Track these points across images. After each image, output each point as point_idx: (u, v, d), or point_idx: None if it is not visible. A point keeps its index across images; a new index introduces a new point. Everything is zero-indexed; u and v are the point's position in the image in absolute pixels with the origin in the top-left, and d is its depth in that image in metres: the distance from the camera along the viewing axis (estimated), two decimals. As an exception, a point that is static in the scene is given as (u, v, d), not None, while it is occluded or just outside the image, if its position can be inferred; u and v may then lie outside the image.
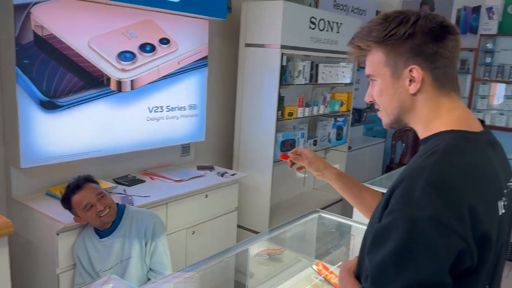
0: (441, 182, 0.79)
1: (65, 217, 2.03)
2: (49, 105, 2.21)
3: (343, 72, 3.79)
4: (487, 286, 0.89)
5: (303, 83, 3.36)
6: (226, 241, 3.00)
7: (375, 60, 0.93)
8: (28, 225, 2.18)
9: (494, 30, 4.75)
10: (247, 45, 3.21)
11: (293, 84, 3.29)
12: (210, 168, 3.04)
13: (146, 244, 2.01)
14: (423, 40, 0.87)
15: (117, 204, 2.05)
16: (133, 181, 2.63)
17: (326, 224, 2.52)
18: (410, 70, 0.89)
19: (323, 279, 2.19)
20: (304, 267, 2.34)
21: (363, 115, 4.98)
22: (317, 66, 3.47)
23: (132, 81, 2.57)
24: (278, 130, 3.20)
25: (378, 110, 0.99)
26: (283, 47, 3.04)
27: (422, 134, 0.94)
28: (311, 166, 1.35)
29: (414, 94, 0.90)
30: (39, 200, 2.23)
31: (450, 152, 0.83)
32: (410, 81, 0.90)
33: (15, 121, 2.12)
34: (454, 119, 0.90)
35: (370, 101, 0.99)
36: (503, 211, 0.87)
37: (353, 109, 4.23)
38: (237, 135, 3.35)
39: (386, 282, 0.78)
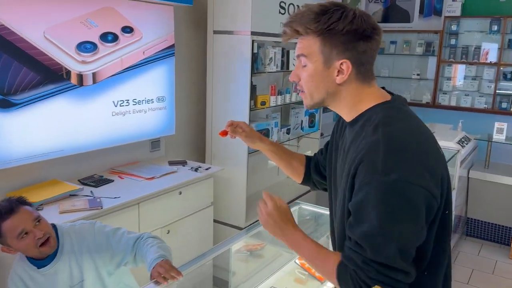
0: (396, 147, 0.94)
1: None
2: (3, 104, 2.00)
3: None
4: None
5: (274, 70, 3.26)
6: (203, 237, 2.89)
7: (311, 45, 1.02)
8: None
9: (458, 12, 4.80)
10: (216, 32, 3.06)
11: (264, 72, 3.18)
12: (183, 163, 2.91)
13: (101, 258, 1.68)
14: (356, 38, 0.99)
15: None
16: (100, 181, 2.46)
17: (306, 215, 2.46)
18: (341, 63, 1.00)
19: (307, 273, 2.14)
20: (286, 262, 2.27)
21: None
22: (287, 52, 3.38)
23: (94, 74, 2.39)
24: (251, 120, 3.10)
25: (300, 91, 1.09)
26: (253, 33, 2.92)
27: (348, 117, 1.08)
28: (247, 139, 1.45)
29: (340, 84, 1.03)
30: (-3, 208, 2.04)
31: (388, 122, 0.98)
32: (338, 72, 1.01)
33: (-37, 123, 1.91)
34: (374, 97, 1.05)
35: (294, 81, 1.08)
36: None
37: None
38: (209, 127, 3.22)
39: (378, 249, 0.92)
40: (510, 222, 3.96)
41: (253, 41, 2.93)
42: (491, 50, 4.68)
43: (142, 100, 2.73)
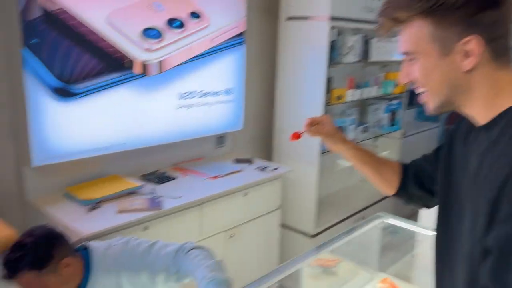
0: None
1: (85, 224, 1.72)
2: (64, 93, 1.88)
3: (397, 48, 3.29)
4: None
5: (353, 61, 2.90)
6: (269, 244, 2.64)
7: (417, 34, 0.79)
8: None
9: None
10: (289, 18, 2.77)
11: (342, 63, 2.84)
12: (249, 162, 2.67)
13: (142, 283, 1.38)
14: (479, 6, 0.74)
15: (77, 251, 1.40)
16: (162, 178, 2.30)
17: (387, 229, 2.11)
18: (465, 43, 0.75)
19: (392, 299, 1.80)
20: (366, 282, 1.95)
21: (414, 97, 4.45)
22: (369, 40, 3.00)
23: (159, 63, 2.21)
24: (328, 113, 2.77)
25: (421, 93, 0.84)
26: (332, 19, 2.59)
27: (483, 117, 0.80)
28: (329, 139, 1.21)
29: (469, 71, 0.77)
30: (57, 203, 1.93)
31: None
32: (464, 56, 0.76)
33: (24, 112, 1.80)
34: None
35: (407, 82, 0.85)
36: None
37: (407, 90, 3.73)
38: (277, 122, 2.96)
39: None
40: None
41: (331, 27, 2.61)
42: None
43: (209, 92, 2.53)
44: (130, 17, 2.05)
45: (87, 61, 1.92)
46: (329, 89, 2.78)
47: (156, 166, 2.46)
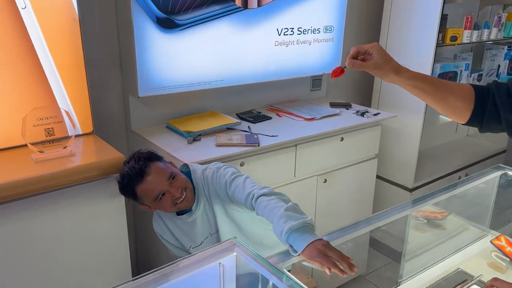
0: None
1: (186, 153, 1.75)
2: (167, 24, 1.88)
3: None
4: None
5: (474, -3, 2.54)
6: (363, 193, 2.52)
7: None
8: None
9: None
10: None
11: (460, -1, 2.50)
12: (347, 106, 2.52)
13: (228, 206, 1.49)
14: None
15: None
16: (258, 117, 2.26)
17: (506, 185, 1.87)
18: None
19: (508, 259, 1.61)
20: (477, 239, 1.77)
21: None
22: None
23: (259, -4, 2.11)
24: (436, 60, 2.49)
25: None
26: None
27: None
28: (377, 70, 1.02)
29: None
30: (159, 134, 2.00)
31: None
32: None
33: (131, 42, 1.84)
34: None
35: None
36: None
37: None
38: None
39: None
40: None
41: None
42: None
43: (308, 29, 2.38)
44: None
45: (190, -10, 1.88)
46: (442, 28, 2.47)
47: (252, 106, 2.42)
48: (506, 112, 0.97)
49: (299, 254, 1.10)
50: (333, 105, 2.54)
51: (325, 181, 2.28)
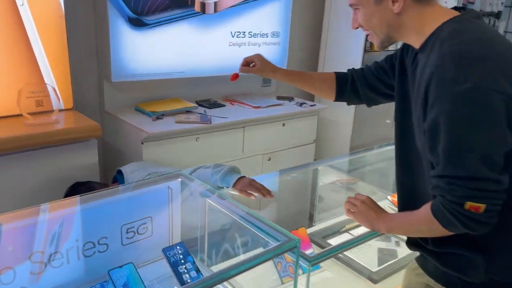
0: (465, 57, 0.88)
1: (150, 127, 2.17)
2: (137, 23, 2.31)
3: None
4: None
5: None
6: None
7: None
8: (117, 135, 2.37)
9: None
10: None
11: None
12: (290, 99, 3.00)
13: None
14: None
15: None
16: (214, 105, 2.70)
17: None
18: None
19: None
20: (379, 199, 2.23)
21: None
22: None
23: (215, 3, 2.57)
24: (363, 64, 3.01)
25: (367, 34, 1.09)
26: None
27: (417, 42, 1.02)
28: (261, 73, 1.43)
29: (399, 13, 0.99)
30: (128, 114, 2.40)
31: (455, 35, 0.93)
32: (392, 2, 0.99)
33: (106, 37, 2.25)
34: (439, 16, 0.99)
35: (357, 27, 1.09)
36: None
37: None
38: (321, 66, 3.24)
39: (457, 163, 0.88)
40: None
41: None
42: None
43: (258, 34, 2.86)
44: (193, -39, 2.41)
45: (156, -4, 2.32)
46: (369, 37, 2.99)
47: (209, 96, 2.86)
48: (364, 88, 1.37)
49: (232, 187, 1.54)
50: (278, 98, 3.01)
51: (269, 159, 2.74)
